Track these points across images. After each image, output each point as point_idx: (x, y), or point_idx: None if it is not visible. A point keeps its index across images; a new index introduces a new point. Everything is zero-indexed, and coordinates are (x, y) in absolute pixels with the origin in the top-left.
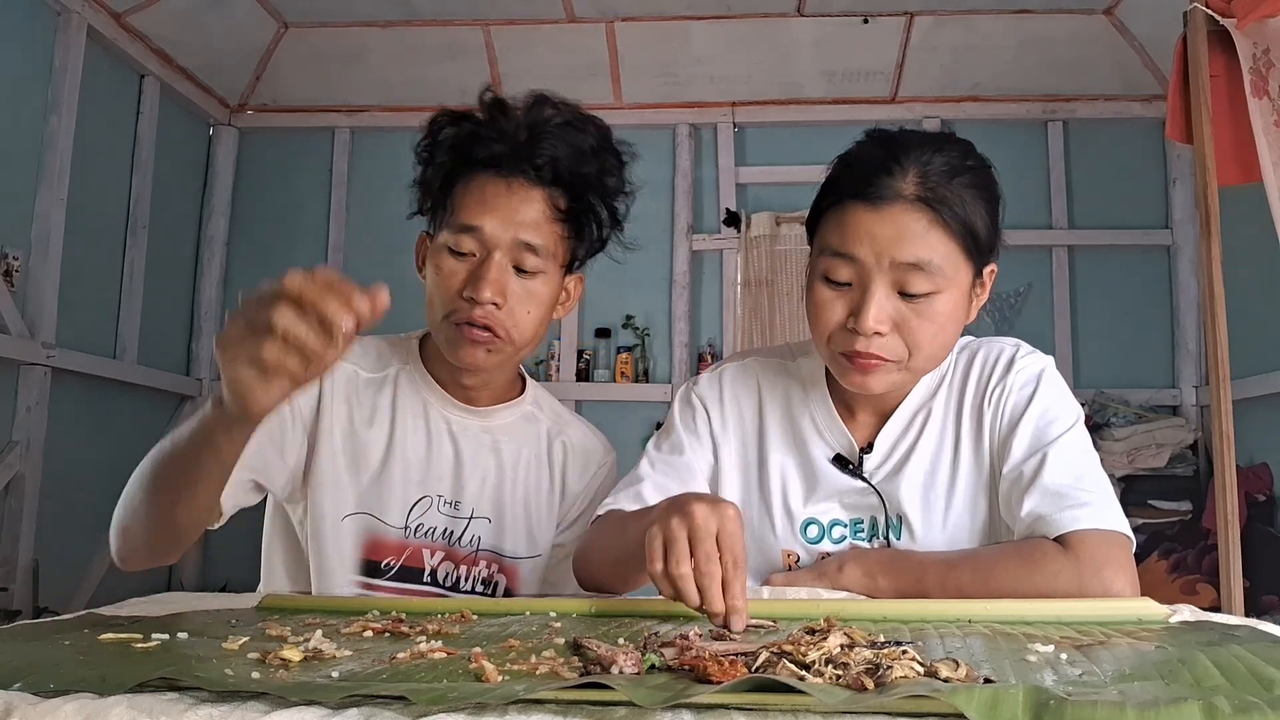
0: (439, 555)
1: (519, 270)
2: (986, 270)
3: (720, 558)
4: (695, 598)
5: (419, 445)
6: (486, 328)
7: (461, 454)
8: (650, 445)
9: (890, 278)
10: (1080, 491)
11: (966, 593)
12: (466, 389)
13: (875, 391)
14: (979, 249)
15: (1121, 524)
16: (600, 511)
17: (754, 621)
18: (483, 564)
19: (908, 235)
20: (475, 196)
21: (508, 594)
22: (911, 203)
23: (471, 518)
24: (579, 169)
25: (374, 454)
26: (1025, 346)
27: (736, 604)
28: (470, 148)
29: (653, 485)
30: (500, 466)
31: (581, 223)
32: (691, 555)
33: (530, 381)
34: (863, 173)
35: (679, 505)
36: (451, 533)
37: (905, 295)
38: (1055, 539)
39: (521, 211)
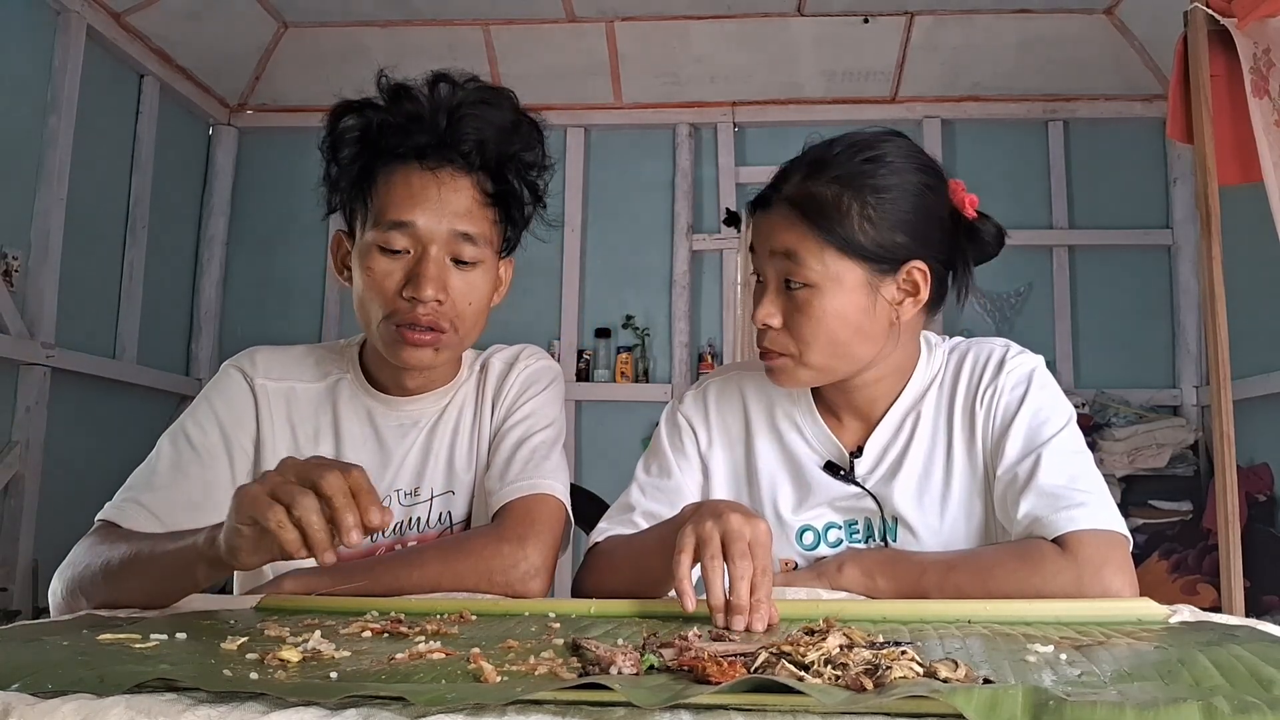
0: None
1: (457, 262)
2: (911, 267)
3: (755, 560)
4: (720, 592)
5: (371, 452)
6: (431, 327)
7: (414, 446)
8: (639, 469)
9: (773, 270)
10: (1075, 492)
11: (966, 593)
12: (409, 387)
13: (785, 387)
14: (861, 252)
15: (1118, 523)
16: (596, 539)
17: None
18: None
19: (776, 228)
20: (401, 190)
21: None
22: (779, 204)
23: (432, 497)
24: (504, 149)
25: None
26: (1015, 346)
27: (763, 602)
28: (387, 138)
29: (643, 513)
30: (454, 435)
31: (510, 204)
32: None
33: (469, 350)
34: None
35: (714, 509)
36: (419, 519)
37: (788, 286)
38: (1053, 540)
39: (453, 201)
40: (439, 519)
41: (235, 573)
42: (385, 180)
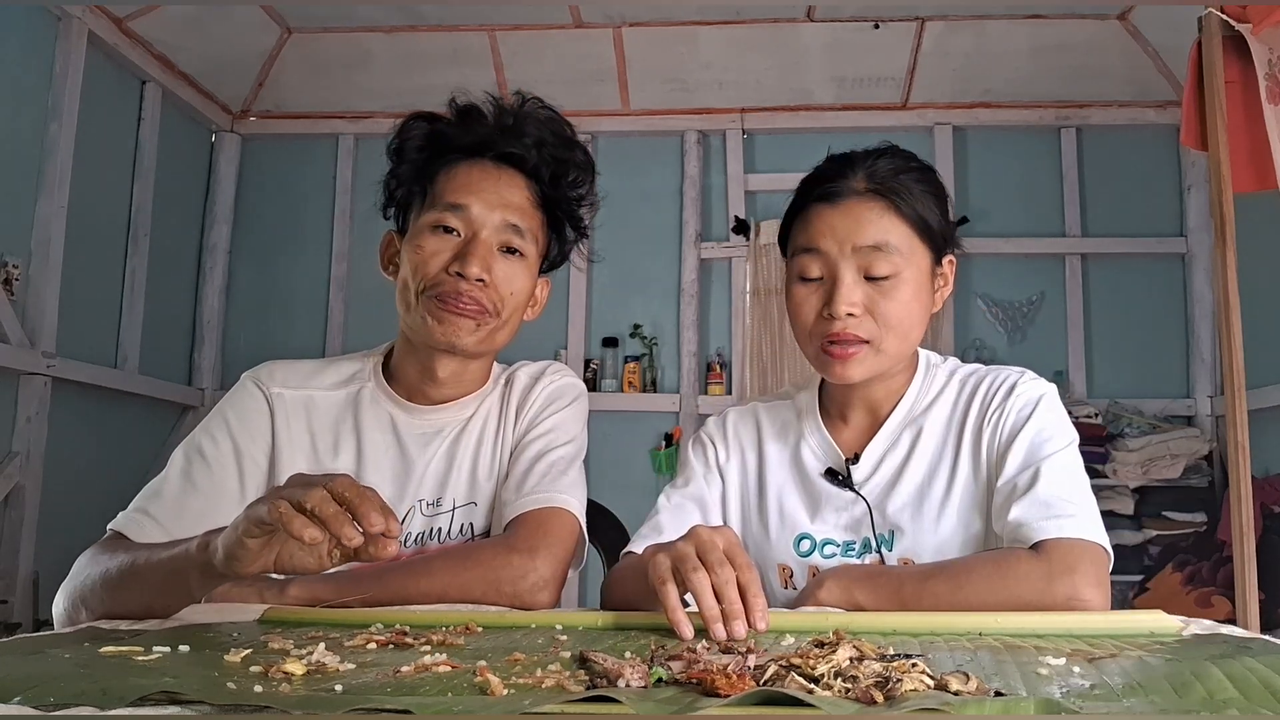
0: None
1: (503, 251)
2: (945, 260)
3: (734, 563)
4: (713, 602)
5: (393, 461)
6: (473, 301)
7: (437, 455)
8: (666, 488)
9: (855, 263)
10: (1066, 503)
11: (942, 600)
12: (441, 385)
13: (856, 379)
14: (932, 236)
15: (1102, 539)
16: (624, 551)
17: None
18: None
19: (865, 221)
20: (461, 180)
21: None
22: (864, 195)
23: (454, 508)
24: (561, 155)
25: None
26: (1030, 374)
27: (758, 597)
28: (453, 137)
29: (669, 516)
30: (478, 446)
31: (557, 215)
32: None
33: (495, 365)
34: (820, 180)
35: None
36: (439, 530)
37: (870, 279)
38: (1033, 545)
39: (507, 194)
40: (460, 530)
41: None
42: (446, 173)
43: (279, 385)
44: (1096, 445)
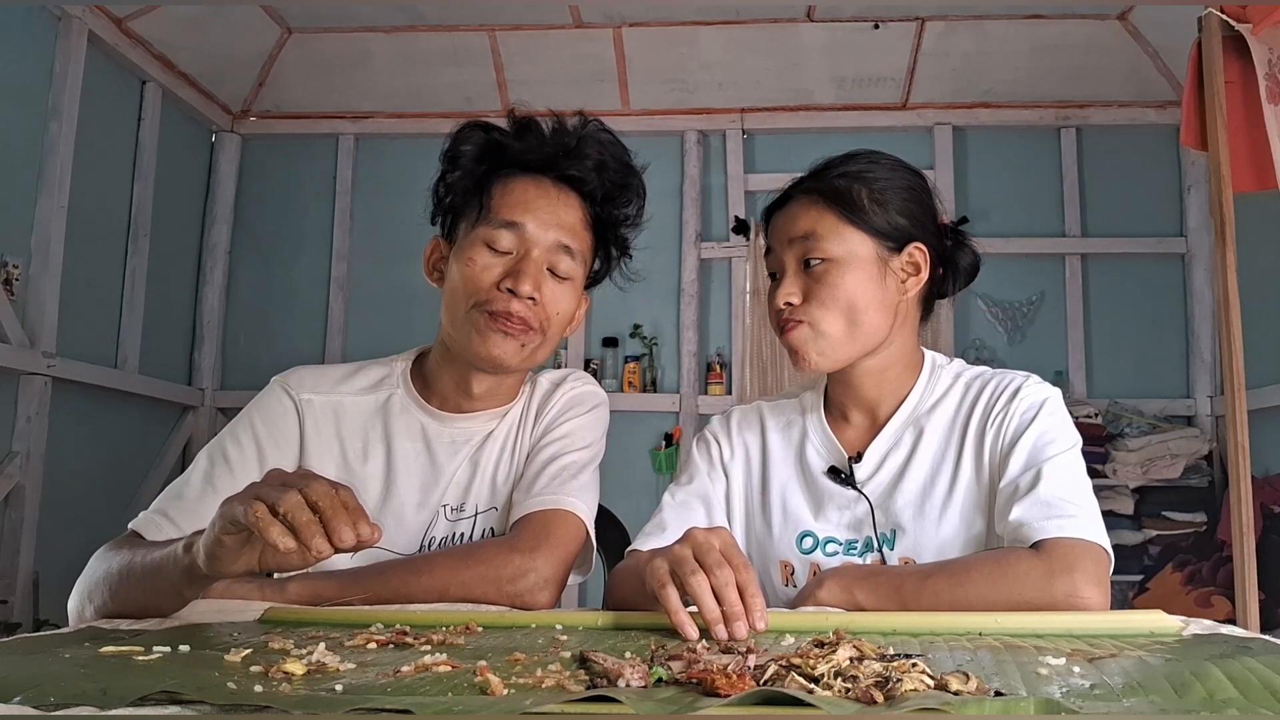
0: None
1: (552, 272)
2: (912, 247)
3: (731, 563)
4: (713, 604)
5: (422, 469)
6: (522, 320)
7: (464, 462)
8: (670, 486)
9: (793, 255)
10: (1068, 504)
11: (942, 599)
12: (475, 399)
13: (807, 357)
14: (871, 224)
15: (1102, 539)
16: (629, 550)
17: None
18: None
19: (795, 216)
20: (518, 196)
21: None
22: (800, 194)
23: (476, 514)
24: (620, 180)
25: (372, 488)
26: (1035, 378)
27: (756, 597)
28: (513, 151)
29: (673, 514)
30: (500, 452)
31: (607, 238)
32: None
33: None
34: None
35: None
36: (462, 535)
37: (807, 267)
38: (1034, 544)
39: (562, 214)
40: (482, 535)
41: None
42: (503, 185)
43: (308, 391)
44: (1096, 445)
